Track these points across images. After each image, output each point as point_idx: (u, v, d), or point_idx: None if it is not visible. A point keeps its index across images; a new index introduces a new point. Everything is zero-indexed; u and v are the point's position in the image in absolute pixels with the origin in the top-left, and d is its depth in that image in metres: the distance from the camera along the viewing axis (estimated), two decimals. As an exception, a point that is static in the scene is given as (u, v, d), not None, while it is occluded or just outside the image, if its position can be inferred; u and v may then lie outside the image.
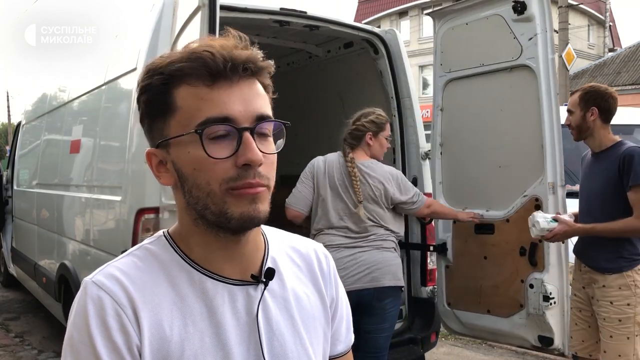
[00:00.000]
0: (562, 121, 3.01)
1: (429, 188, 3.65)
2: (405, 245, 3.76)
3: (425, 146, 3.73)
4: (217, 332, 0.81)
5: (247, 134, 0.78)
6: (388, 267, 2.87)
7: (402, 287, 2.97)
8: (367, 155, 2.99)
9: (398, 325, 3.68)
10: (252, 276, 0.86)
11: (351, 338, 1.04)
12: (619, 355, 2.64)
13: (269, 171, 0.82)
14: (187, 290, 0.81)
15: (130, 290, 0.78)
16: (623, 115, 6.12)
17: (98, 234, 3.82)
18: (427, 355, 3.78)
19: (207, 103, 0.78)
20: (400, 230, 3.07)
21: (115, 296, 0.77)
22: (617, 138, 2.77)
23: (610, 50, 26.02)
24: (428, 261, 3.66)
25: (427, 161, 3.69)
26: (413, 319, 3.71)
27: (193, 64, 0.78)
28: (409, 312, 3.73)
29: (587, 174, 2.85)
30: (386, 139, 3.02)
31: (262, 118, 0.80)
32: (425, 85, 27.69)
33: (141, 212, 3.02)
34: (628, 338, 2.63)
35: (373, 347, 2.88)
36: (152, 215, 3.01)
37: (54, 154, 5.13)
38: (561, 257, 3.06)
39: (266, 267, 0.88)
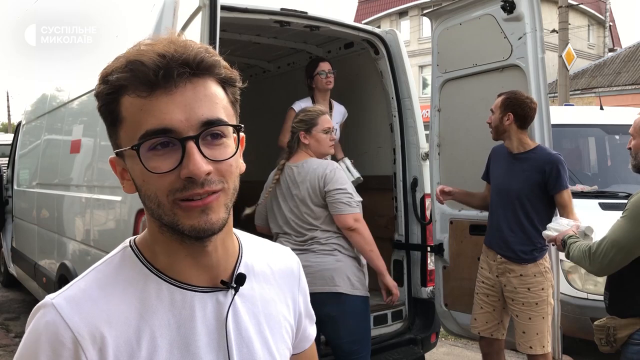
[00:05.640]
0: (554, 121, 3.11)
1: (429, 189, 3.65)
2: (405, 246, 3.76)
3: (425, 147, 3.73)
4: (186, 342, 0.79)
5: (191, 145, 0.74)
6: (321, 272, 2.68)
7: (342, 292, 2.69)
8: (308, 154, 2.86)
9: (398, 326, 3.68)
10: (222, 282, 0.84)
11: (314, 333, 1.07)
12: (537, 334, 2.94)
13: (223, 175, 0.77)
14: (155, 302, 0.79)
15: (91, 313, 0.76)
16: (623, 115, 6.11)
17: (98, 234, 3.82)
18: (427, 355, 3.79)
19: (145, 114, 0.74)
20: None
21: (72, 322, 0.74)
22: (535, 143, 3.01)
23: (610, 50, 26.00)
24: (428, 262, 3.66)
25: (427, 162, 3.69)
26: (413, 320, 3.71)
27: (127, 75, 0.74)
28: (409, 312, 3.73)
29: (505, 170, 3.05)
30: (325, 132, 2.83)
31: (209, 123, 0.75)
32: (425, 85, 27.64)
33: (141, 212, 3.02)
34: (543, 318, 2.95)
35: (342, 355, 2.82)
36: (152, 216, 3.00)
37: (54, 154, 5.12)
38: (551, 263, 3.05)
39: (237, 272, 0.86)
